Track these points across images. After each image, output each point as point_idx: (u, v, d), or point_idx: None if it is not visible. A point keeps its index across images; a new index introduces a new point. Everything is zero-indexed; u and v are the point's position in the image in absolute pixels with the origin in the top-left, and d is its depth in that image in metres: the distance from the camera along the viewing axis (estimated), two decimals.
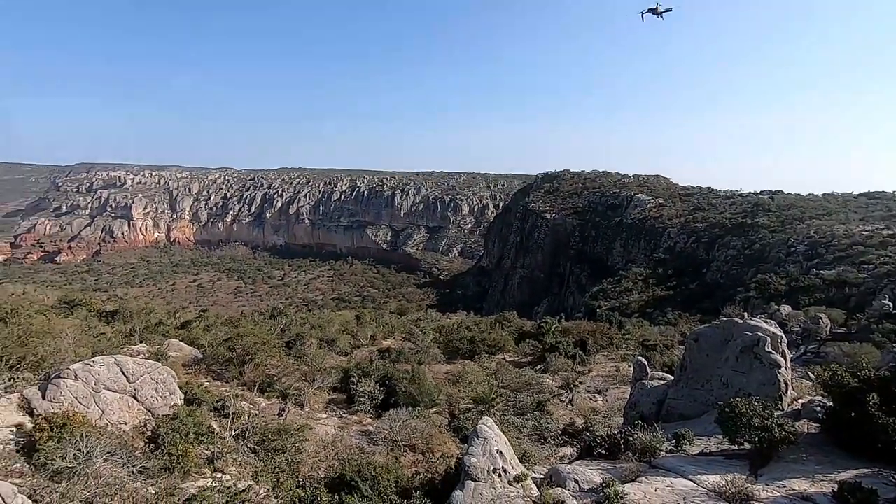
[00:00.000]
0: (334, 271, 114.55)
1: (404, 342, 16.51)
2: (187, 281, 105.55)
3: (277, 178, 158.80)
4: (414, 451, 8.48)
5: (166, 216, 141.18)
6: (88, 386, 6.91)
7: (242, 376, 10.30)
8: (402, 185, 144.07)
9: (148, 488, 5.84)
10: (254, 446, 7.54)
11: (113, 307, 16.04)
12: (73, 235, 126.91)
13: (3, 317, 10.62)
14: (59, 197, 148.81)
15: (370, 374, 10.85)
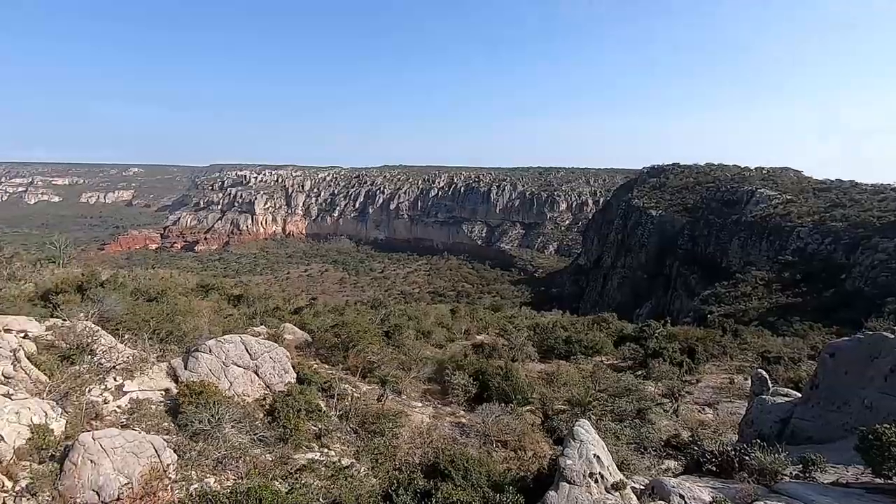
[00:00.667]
0: (430, 266, 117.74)
1: (498, 338, 16.51)
2: (299, 271, 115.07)
3: (380, 175, 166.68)
4: (506, 447, 8.48)
5: (283, 211, 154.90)
6: (220, 360, 7.86)
7: (346, 361, 11.02)
8: (499, 181, 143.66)
9: (266, 455, 6.51)
10: (355, 427, 8.06)
11: (239, 292, 18.01)
12: (208, 228, 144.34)
13: (155, 297, 12.41)
14: (197, 194, 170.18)
15: (464, 367, 11.03)
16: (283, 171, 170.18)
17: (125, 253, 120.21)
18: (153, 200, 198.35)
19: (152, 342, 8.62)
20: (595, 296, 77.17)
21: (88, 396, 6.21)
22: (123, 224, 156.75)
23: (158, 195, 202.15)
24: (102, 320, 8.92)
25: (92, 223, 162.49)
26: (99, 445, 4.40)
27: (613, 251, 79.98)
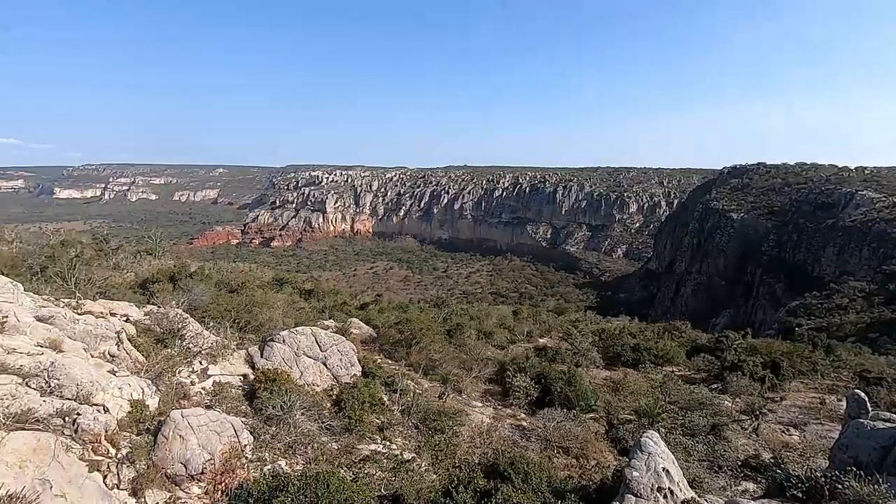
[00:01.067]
0: (493, 266, 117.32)
1: (561, 342, 16.14)
2: (365, 268, 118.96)
3: (445, 175, 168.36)
4: (567, 454, 8.27)
5: (351, 210, 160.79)
6: (292, 350, 8.31)
7: (409, 357, 11.25)
8: (565, 182, 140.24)
9: (332, 443, 6.80)
10: (416, 423, 8.20)
11: (310, 287, 18.92)
12: (283, 225, 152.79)
13: (236, 288, 13.34)
14: (274, 193, 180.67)
15: (526, 370, 10.89)
16: (353, 171, 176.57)
17: (210, 247, 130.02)
18: (235, 199, 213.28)
19: (233, 330, 9.25)
20: (666, 302, 73.25)
21: (178, 377, 6.80)
22: (209, 220, 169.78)
23: (240, 194, 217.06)
24: (190, 308, 9.71)
25: (182, 219, 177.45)
26: (187, 423, 4.81)
27: (688, 256, 75.52)
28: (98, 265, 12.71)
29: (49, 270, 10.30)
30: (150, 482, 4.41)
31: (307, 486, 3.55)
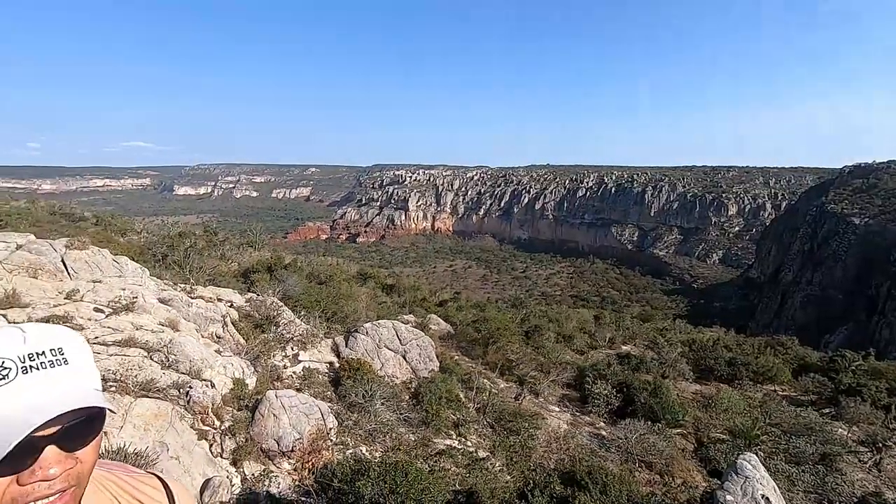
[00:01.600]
0: (574, 268, 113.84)
1: (646, 351, 15.28)
2: (444, 266, 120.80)
3: (526, 174, 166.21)
4: (650, 469, 7.83)
5: (432, 209, 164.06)
6: (374, 342, 8.67)
7: (485, 356, 11.27)
8: (655, 181, 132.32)
9: (409, 435, 7.00)
10: (491, 422, 8.20)
11: (392, 282, 19.59)
12: (367, 222, 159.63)
13: (324, 281, 14.16)
14: (360, 191, 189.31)
15: (607, 377, 10.46)
16: (435, 170, 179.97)
17: (302, 241, 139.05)
18: (325, 196, 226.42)
19: (320, 320, 9.83)
20: (769, 315, 66.55)
21: (272, 361, 7.36)
22: (302, 216, 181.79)
23: (330, 192, 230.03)
24: (284, 297, 10.46)
25: (279, 215, 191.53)
26: (280, 403, 5.21)
27: (797, 264, 68.05)
28: (208, 255, 14.11)
29: (169, 258, 11.61)
30: (247, 454, 4.84)
31: (387, 473, 3.69)
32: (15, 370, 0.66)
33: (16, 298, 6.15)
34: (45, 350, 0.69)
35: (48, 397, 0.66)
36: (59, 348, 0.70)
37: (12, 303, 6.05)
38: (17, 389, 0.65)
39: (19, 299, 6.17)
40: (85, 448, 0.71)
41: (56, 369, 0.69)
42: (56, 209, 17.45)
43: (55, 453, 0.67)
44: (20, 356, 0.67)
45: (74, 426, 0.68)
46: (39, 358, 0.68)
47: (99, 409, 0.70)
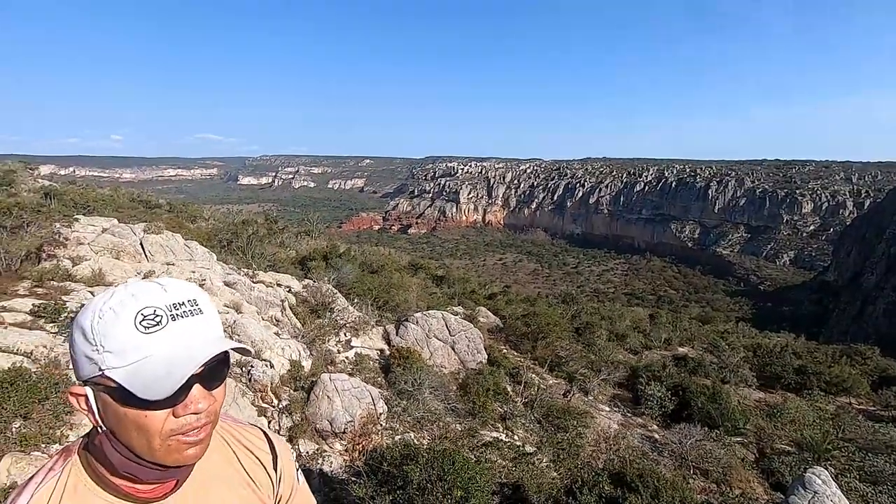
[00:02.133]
0: (629, 265, 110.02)
1: (705, 354, 14.57)
2: (494, 259, 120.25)
3: (581, 167, 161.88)
4: (706, 476, 7.50)
5: (483, 201, 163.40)
6: (424, 331, 8.79)
7: (534, 351, 11.15)
8: (720, 176, 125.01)
9: (456, 425, 7.07)
10: (539, 417, 8.13)
11: (441, 273, 19.75)
12: (419, 214, 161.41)
13: (376, 270, 14.49)
14: (413, 183, 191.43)
15: (662, 379, 10.08)
16: (487, 163, 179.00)
17: (356, 231, 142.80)
18: (379, 188, 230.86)
19: (372, 308, 10.09)
20: (846, 321, 61.47)
21: (327, 345, 7.64)
22: (356, 207, 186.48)
23: (383, 183, 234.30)
24: (339, 285, 10.81)
25: (335, 205, 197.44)
26: (333, 385, 5.41)
27: (882, 268, 62.31)
28: (268, 242, 14.80)
29: (233, 244, 12.28)
30: (302, 433, 5.06)
31: (435, 460, 3.75)
32: (166, 318, 0.73)
33: (101, 277, 6.72)
34: (185, 300, 0.76)
35: (197, 342, 0.74)
36: (194, 299, 0.77)
37: (98, 281, 6.63)
38: (171, 335, 0.73)
39: (104, 278, 6.74)
40: (219, 388, 0.80)
41: (195, 318, 0.76)
42: (135, 196, 18.87)
43: (200, 391, 0.75)
44: (167, 305, 0.74)
45: (213, 368, 0.77)
46: (181, 308, 0.75)
47: (227, 353, 0.79)
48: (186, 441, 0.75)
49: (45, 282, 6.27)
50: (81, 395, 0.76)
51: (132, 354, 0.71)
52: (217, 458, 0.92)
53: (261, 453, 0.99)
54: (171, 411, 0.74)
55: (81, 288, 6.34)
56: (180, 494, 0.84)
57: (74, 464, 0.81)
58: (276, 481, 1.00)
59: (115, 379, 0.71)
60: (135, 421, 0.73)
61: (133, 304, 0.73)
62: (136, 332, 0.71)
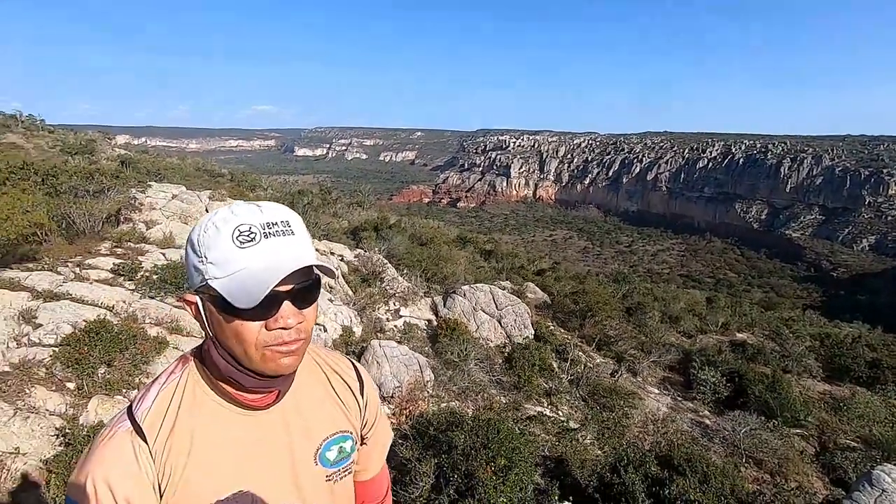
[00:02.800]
0: (687, 246, 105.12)
1: (766, 341, 13.83)
2: (544, 235, 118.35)
3: (639, 142, 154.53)
4: (759, 467, 7.24)
5: (535, 176, 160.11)
6: (471, 304, 8.86)
7: (582, 329, 11.00)
8: (794, 153, 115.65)
9: (500, 397, 7.15)
10: (584, 395, 8.06)
11: (490, 248, 19.69)
12: (469, 187, 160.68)
13: (425, 242, 14.64)
14: (463, 156, 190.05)
15: (717, 364, 9.69)
16: (540, 136, 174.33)
17: (406, 204, 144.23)
18: (429, 161, 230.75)
19: (421, 279, 10.24)
20: None
21: (376, 313, 7.87)
22: (406, 180, 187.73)
23: (434, 156, 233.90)
24: (389, 256, 11.03)
25: (385, 178, 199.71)
26: (383, 352, 5.59)
27: None
28: (322, 212, 15.26)
29: None
30: None
31: (479, 428, 3.82)
32: (259, 235, 0.79)
33: (171, 240, 7.19)
34: (278, 221, 0.82)
35: (286, 258, 0.79)
36: (287, 221, 0.83)
37: (169, 243, 7.09)
38: (262, 251, 0.78)
39: (174, 241, 7.21)
40: (309, 308, 0.84)
41: (287, 238, 0.81)
42: (200, 166, 19.89)
43: (290, 307, 0.81)
44: (261, 224, 0.80)
45: (302, 287, 0.82)
46: (274, 227, 0.81)
47: (318, 276, 0.85)
48: (279, 352, 0.81)
49: (123, 243, 6.79)
50: (192, 302, 0.83)
51: (230, 266, 0.77)
52: (311, 378, 1.00)
53: (349, 379, 1.06)
54: (263, 324, 0.79)
55: (154, 249, 6.82)
56: (280, 407, 0.91)
57: (191, 369, 0.90)
58: (362, 406, 1.07)
59: (216, 288, 0.77)
60: (233, 329, 0.79)
61: (233, 220, 0.79)
62: (233, 247, 0.77)
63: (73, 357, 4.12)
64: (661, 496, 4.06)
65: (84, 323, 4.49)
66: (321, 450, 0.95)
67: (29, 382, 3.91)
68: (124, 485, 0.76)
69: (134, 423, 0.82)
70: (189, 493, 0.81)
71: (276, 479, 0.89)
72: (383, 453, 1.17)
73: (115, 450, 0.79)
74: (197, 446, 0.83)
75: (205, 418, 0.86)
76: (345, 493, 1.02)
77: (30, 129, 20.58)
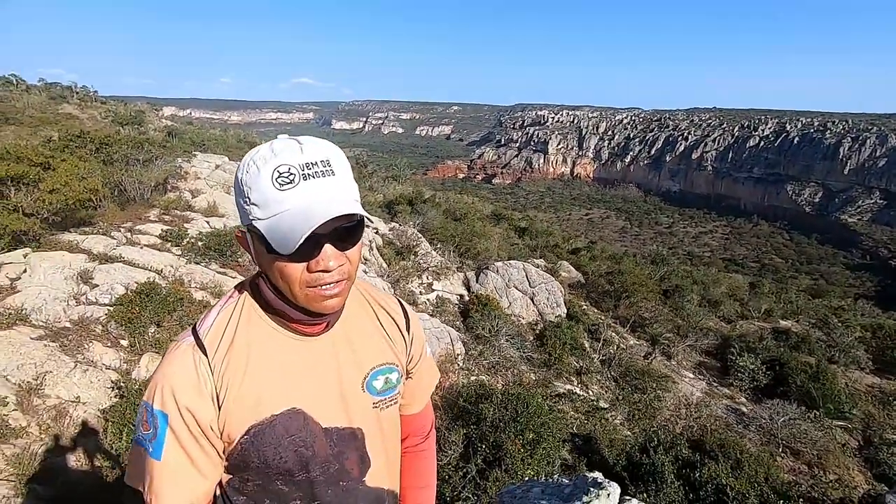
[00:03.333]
0: (731, 228, 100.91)
1: (812, 330, 13.25)
2: (580, 214, 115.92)
3: (686, 119, 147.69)
4: (797, 457, 7.05)
5: (573, 153, 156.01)
6: (504, 280, 8.84)
7: (616, 310, 10.82)
8: (857, 132, 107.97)
9: (530, 374, 7.18)
10: (616, 376, 8.00)
11: (524, 225, 19.47)
12: (504, 163, 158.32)
13: (459, 218, 14.61)
14: (500, 132, 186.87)
15: (756, 351, 9.39)
16: (580, 111, 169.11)
17: (440, 179, 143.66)
18: (465, 136, 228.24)
19: (454, 254, 10.27)
20: None
21: (410, 286, 7.96)
22: (441, 154, 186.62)
23: (470, 131, 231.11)
24: (422, 230, 11.08)
25: (421, 152, 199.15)
26: None
27: None
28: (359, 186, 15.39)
29: None
30: None
31: (508, 401, 3.86)
32: (298, 177, 0.78)
33: (215, 209, 7.44)
34: (318, 161, 0.80)
35: (325, 203, 0.78)
36: (327, 160, 0.81)
37: (212, 212, 7.35)
38: (301, 193, 0.78)
39: (217, 210, 7.46)
40: (352, 249, 0.85)
41: (327, 179, 0.80)
42: (241, 137, 20.34)
43: (332, 250, 0.82)
44: (300, 164, 0.79)
45: (344, 229, 0.82)
46: (314, 168, 0.79)
47: (361, 216, 0.83)
48: (322, 293, 0.83)
49: (171, 210, 7.08)
50: (242, 235, 0.86)
51: (271, 208, 0.78)
52: (360, 311, 1.03)
53: (396, 315, 1.09)
54: (305, 265, 0.81)
55: (199, 217, 7.08)
56: (329, 336, 0.95)
57: (247, 296, 0.94)
58: (408, 342, 1.10)
59: (259, 229, 0.79)
60: (277, 268, 0.81)
61: (272, 161, 0.78)
62: (272, 189, 0.77)
63: (126, 316, 4.38)
64: (690, 479, 4.02)
65: (135, 285, 4.74)
66: (368, 378, 0.99)
67: (87, 338, 4.19)
68: (186, 394, 0.82)
69: (196, 339, 0.87)
70: (245, 407, 0.85)
71: (326, 400, 0.93)
72: (428, 391, 1.21)
73: (179, 362, 0.84)
74: (252, 363, 0.87)
75: (260, 339, 0.89)
76: (391, 421, 1.06)
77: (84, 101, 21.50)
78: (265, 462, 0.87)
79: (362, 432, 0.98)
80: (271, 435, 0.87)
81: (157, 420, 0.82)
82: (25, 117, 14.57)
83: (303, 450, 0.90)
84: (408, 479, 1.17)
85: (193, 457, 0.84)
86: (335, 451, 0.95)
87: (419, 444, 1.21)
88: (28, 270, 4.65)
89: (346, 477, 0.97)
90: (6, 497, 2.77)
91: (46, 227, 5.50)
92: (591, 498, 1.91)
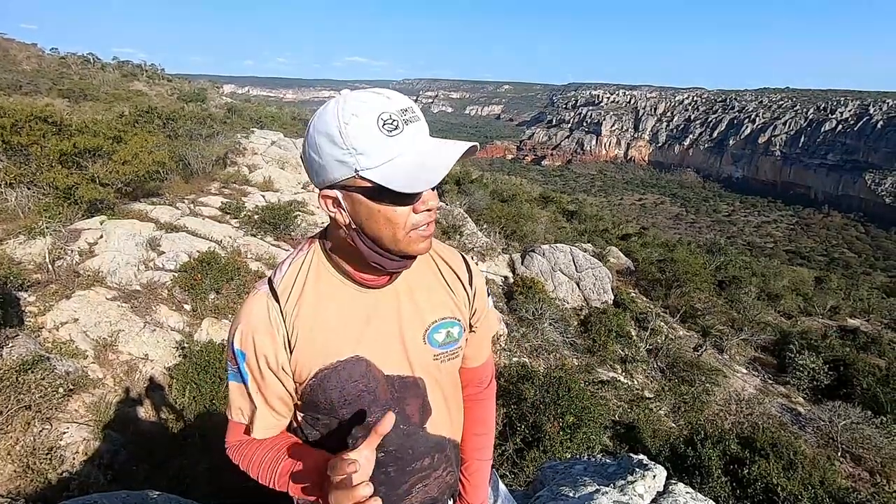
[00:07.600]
0: (798, 219, 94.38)
1: (884, 330, 12.32)
2: (633, 199, 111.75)
3: (754, 100, 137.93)
4: (857, 463, 6.65)
5: (628, 135, 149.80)
6: (550, 264, 8.72)
7: (667, 299, 10.46)
8: None
9: (573, 359, 7.10)
10: (663, 367, 7.78)
11: (573, 208, 19.02)
12: (555, 145, 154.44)
13: (507, 199, 14.46)
14: (552, 112, 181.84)
15: (818, 349, 8.84)
16: (637, 91, 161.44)
17: (489, 159, 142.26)
18: (516, 115, 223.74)
19: (500, 236, 10.21)
20: None
21: None
22: (490, 135, 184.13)
23: (521, 111, 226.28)
24: (469, 210, 11.06)
25: (470, 132, 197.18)
26: None
27: None
28: None
29: None
30: None
31: (550, 384, 3.85)
32: (401, 123, 0.80)
33: (270, 184, 7.72)
34: (407, 107, 0.82)
35: (435, 142, 0.82)
36: (411, 107, 0.84)
37: (268, 187, 7.63)
38: (409, 137, 0.80)
39: (272, 185, 7.74)
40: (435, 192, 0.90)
41: (420, 123, 0.83)
42: (296, 115, 20.87)
43: (431, 191, 0.86)
44: (398, 111, 0.81)
45: None
46: (407, 113, 0.82)
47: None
48: (421, 234, 0.87)
49: (230, 184, 7.42)
50: (332, 197, 0.86)
51: (383, 154, 0.78)
52: (423, 265, 1.05)
53: (459, 269, 1.10)
54: (412, 207, 0.84)
55: (255, 192, 7.38)
56: (392, 288, 0.98)
57: (316, 249, 0.99)
58: (471, 296, 1.10)
59: (369, 178, 0.79)
60: (385, 216, 0.83)
61: (370, 110, 0.79)
62: (381, 135, 0.78)
63: (189, 283, 4.67)
64: (738, 475, 3.88)
65: (197, 253, 5.03)
66: (430, 331, 1.01)
67: (155, 301, 4.51)
68: (262, 341, 0.89)
69: (271, 288, 0.93)
70: (314, 352, 0.92)
71: (388, 349, 0.98)
72: (488, 344, 1.22)
73: (255, 308, 0.91)
74: (321, 312, 0.92)
75: (328, 289, 0.94)
76: (451, 374, 1.09)
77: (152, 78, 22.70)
78: (331, 403, 0.95)
79: (423, 382, 1.02)
80: (336, 379, 0.93)
81: (237, 357, 0.92)
82: (101, 93, 15.57)
83: (365, 394, 0.96)
84: (467, 425, 1.20)
85: (265, 393, 0.94)
86: (396, 397, 0.99)
87: (479, 392, 1.23)
88: (104, 236, 5.03)
89: (406, 422, 1.01)
90: (86, 439, 3.07)
91: (119, 197, 5.91)
92: (635, 478, 1.88)
